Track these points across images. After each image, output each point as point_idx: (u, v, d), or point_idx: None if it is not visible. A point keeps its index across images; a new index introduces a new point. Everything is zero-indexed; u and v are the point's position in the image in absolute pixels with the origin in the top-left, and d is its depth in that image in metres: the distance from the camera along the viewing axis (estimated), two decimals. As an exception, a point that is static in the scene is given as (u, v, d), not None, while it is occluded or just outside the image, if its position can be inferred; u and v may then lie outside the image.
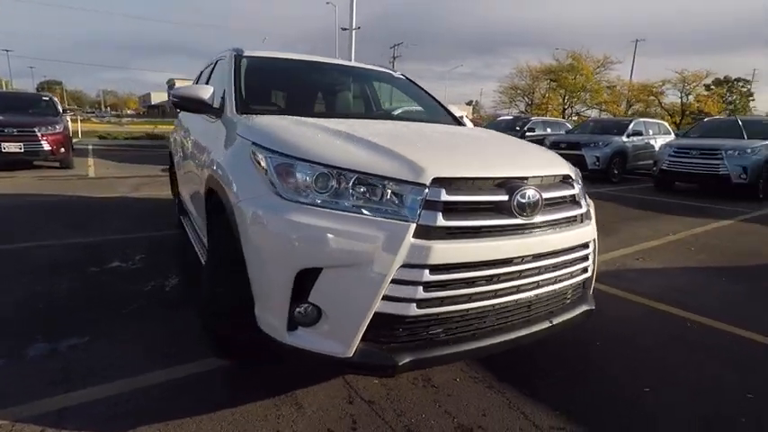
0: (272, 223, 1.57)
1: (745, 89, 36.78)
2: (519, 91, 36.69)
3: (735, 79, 36.37)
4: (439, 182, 1.56)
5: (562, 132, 13.52)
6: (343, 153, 1.66)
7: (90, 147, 14.27)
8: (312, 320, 1.57)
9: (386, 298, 1.49)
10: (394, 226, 1.48)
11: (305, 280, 1.53)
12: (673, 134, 12.83)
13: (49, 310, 2.65)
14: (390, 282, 1.47)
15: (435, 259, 1.49)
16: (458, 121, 3.15)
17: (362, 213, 1.51)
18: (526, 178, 1.76)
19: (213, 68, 3.42)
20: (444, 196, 1.54)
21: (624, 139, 10.70)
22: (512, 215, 1.66)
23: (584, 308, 2.01)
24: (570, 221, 1.87)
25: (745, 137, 8.82)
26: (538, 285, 1.77)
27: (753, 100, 37.87)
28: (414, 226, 1.48)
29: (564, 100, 34.75)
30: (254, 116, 2.27)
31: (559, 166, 2.00)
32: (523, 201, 1.67)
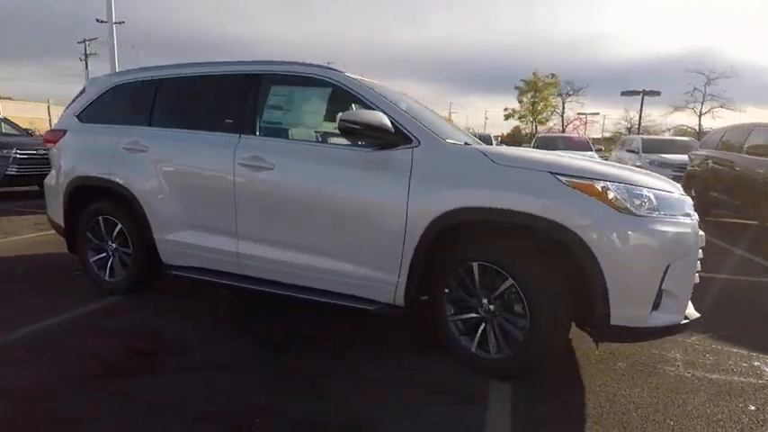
0: (644, 235, 1.99)
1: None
2: None
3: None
4: None
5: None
6: (641, 178, 2.21)
7: None
8: (657, 304, 2.09)
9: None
10: (695, 223, 2.19)
11: (664, 273, 2.04)
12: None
13: None
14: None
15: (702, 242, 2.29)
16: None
17: (679, 218, 2.15)
18: None
19: (257, 91, 2.81)
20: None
21: None
22: None
23: None
24: None
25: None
26: None
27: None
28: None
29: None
30: (467, 145, 2.37)
31: None
32: None
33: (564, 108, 38.39)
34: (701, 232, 2.26)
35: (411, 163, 2.34)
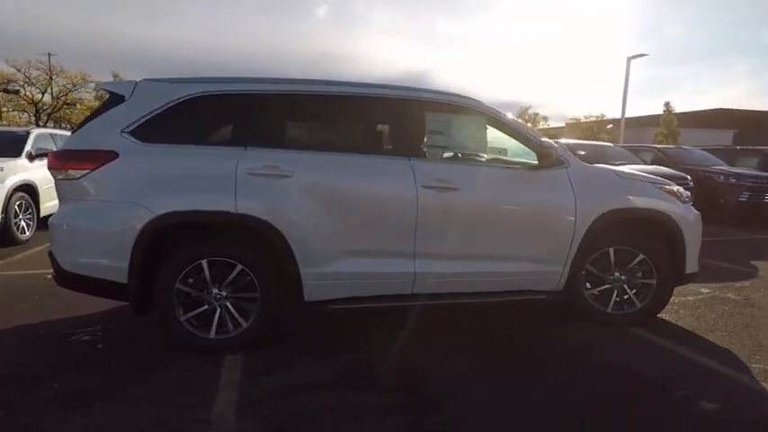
0: (694, 216, 3.30)
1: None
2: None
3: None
4: None
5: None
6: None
7: None
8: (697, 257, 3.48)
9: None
10: None
11: (698, 238, 3.46)
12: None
13: None
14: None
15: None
16: None
17: (691, 205, 3.60)
18: None
19: (420, 117, 2.96)
20: None
21: None
22: None
23: None
24: None
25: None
26: None
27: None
28: None
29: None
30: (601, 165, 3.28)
31: None
32: None
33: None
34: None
35: (569, 179, 3.06)
